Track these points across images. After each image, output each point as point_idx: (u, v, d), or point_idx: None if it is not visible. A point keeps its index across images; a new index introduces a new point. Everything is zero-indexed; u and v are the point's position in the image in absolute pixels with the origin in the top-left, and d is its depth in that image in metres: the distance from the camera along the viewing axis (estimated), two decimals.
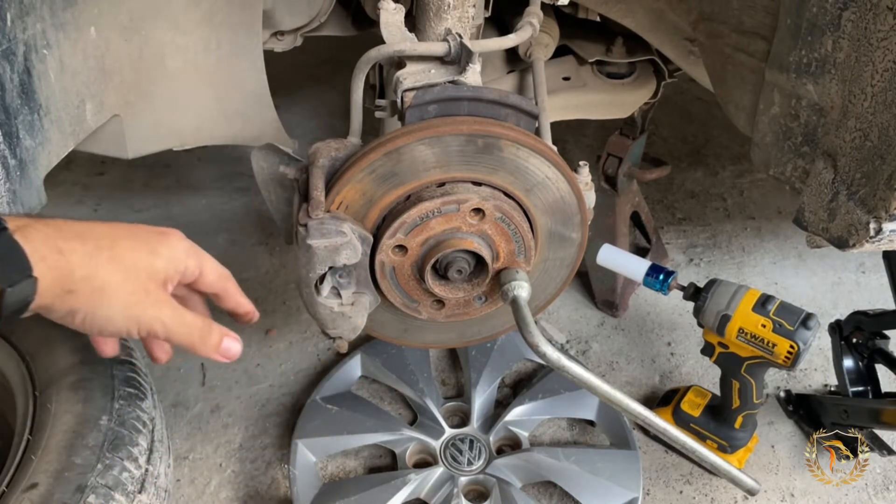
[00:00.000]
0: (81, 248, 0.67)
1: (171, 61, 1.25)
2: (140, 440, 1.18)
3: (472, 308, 1.17)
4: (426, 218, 1.03)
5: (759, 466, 1.65)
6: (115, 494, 1.09)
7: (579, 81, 1.61)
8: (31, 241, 0.63)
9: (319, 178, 1.02)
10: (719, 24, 1.25)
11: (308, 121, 2.80)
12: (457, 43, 1.09)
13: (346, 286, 1.07)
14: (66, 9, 1.01)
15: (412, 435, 1.62)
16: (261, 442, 1.69)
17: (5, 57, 0.88)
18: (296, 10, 1.37)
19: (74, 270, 0.66)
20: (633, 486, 1.53)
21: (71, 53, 1.04)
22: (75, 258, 0.66)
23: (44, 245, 0.64)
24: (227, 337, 0.80)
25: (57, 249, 0.65)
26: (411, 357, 1.76)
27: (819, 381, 1.86)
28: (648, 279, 1.48)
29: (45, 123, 0.99)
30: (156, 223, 0.78)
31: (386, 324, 1.22)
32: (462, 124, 1.00)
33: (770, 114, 1.17)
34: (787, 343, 1.34)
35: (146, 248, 0.73)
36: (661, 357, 1.91)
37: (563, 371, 1.06)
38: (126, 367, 1.29)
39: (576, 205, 1.12)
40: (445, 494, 1.50)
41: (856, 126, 0.99)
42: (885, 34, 0.90)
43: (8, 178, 0.90)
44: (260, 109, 1.37)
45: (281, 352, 1.91)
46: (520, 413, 1.66)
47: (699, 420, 1.61)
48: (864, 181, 0.99)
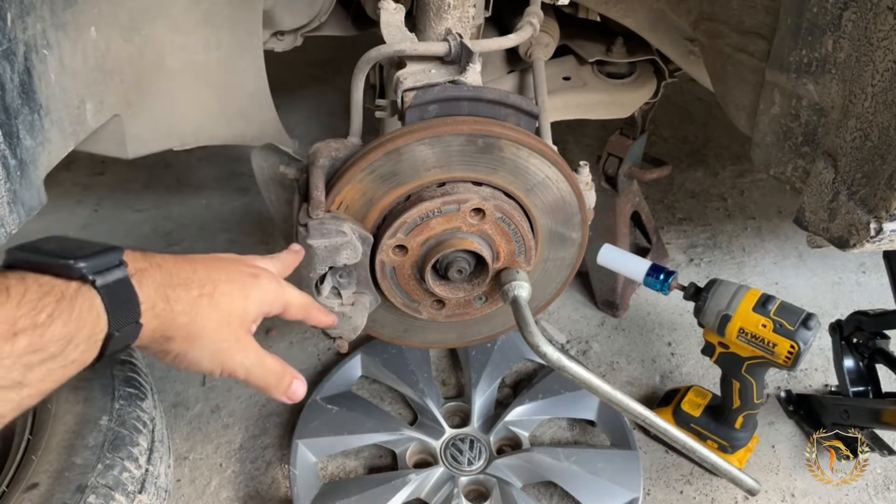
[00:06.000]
0: (186, 295, 0.70)
1: (171, 61, 1.25)
2: (140, 440, 1.18)
3: (473, 308, 1.17)
4: (426, 218, 1.03)
5: (759, 466, 1.65)
6: (115, 494, 1.09)
7: (579, 81, 1.60)
8: (144, 287, 0.65)
9: (320, 177, 1.02)
10: (720, 24, 1.24)
11: (308, 121, 2.80)
12: (457, 43, 1.09)
13: (347, 286, 1.07)
14: (66, 9, 1.01)
15: (412, 435, 1.62)
16: (261, 442, 1.69)
17: (6, 57, 0.88)
18: (296, 9, 1.37)
19: (176, 318, 0.69)
20: (634, 487, 1.53)
21: (71, 53, 1.04)
22: (179, 307, 0.69)
23: (155, 293, 0.66)
24: (296, 380, 0.83)
25: (165, 298, 0.67)
26: (411, 357, 1.76)
27: (819, 382, 1.86)
28: (649, 279, 1.47)
29: (46, 123, 0.99)
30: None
31: (386, 324, 1.22)
32: (462, 124, 1.00)
33: (770, 114, 1.17)
34: (787, 343, 1.34)
35: (241, 292, 0.76)
36: (661, 357, 1.91)
37: (563, 371, 1.06)
38: (126, 367, 1.29)
39: (576, 205, 1.12)
40: (446, 494, 1.50)
41: (856, 126, 0.98)
42: (885, 34, 0.90)
43: (8, 178, 0.89)
44: (260, 109, 1.36)
45: (281, 352, 1.91)
46: (520, 413, 1.66)
47: (700, 420, 1.61)
48: (864, 181, 0.99)
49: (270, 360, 0.80)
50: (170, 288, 0.68)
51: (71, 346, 0.58)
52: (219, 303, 0.73)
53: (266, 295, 0.80)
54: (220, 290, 0.73)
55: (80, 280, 0.60)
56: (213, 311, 0.72)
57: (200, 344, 0.72)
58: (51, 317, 0.56)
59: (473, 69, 1.07)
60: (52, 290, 0.58)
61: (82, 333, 0.59)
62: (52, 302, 0.57)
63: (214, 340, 0.73)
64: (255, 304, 0.78)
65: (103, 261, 0.62)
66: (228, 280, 0.75)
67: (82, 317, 0.59)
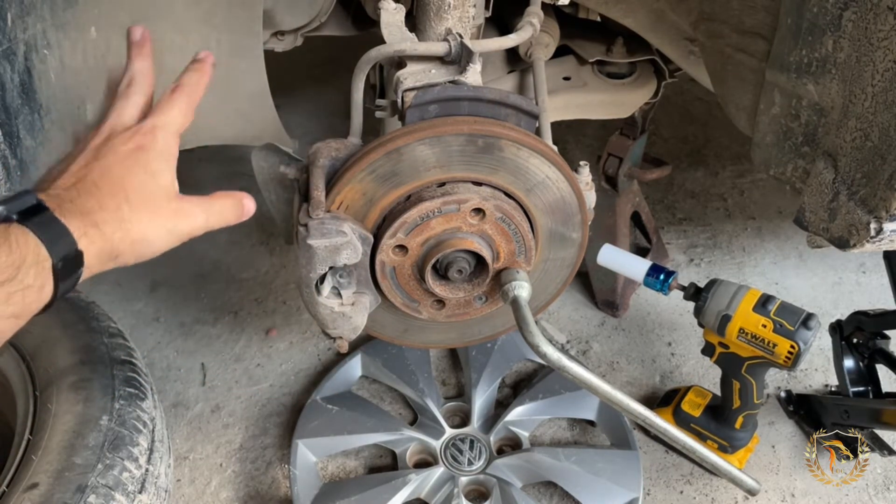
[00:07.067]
0: (108, 216, 0.72)
1: (171, 61, 1.24)
2: (140, 440, 1.18)
3: (473, 308, 1.17)
4: (427, 218, 1.03)
5: (759, 466, 1.65)
6: (115, 494, 1.09)
7: (580, 81, 1.60)
8: (70, 219, 0.68)
9: (320, 177, 1.02)
10: (720, 24, 1.24)
11: (308, 121, 2.80)
12: (457, 43, 1.09)
13: (347, 286, 1.07)
14: (66, 9, 1.01)
15: (412, 435, 1.62)
16: (261, 442, 1.69)
17: (6, 57, 0.88)
18: (296, 10, 1.37)
19: (112, 237, 0.72)
20: (634, 487, 1.53)
21: (71, 53, 1.04)
22: (108, 228, 0.72)
23: (82, 222, 0.69)
24: (245, 199, 0.88)
25: (93, 223, 0.70)
26: (412, 357, 1.76)
27: (820, 382, 1.86)
28: (649, 279, 1.47)
29: (46, 123, 0.99)
30: None
31: (386, 324, 1.22)
32: (462, 124, 1.00)
33: (770, 114, 1.17)
34: (787, 343, 1.34)
35: (145, 173, 0.77)
36: (661, 357, 1.91)
37: (563, 371, 1.06)
38: (126, 367, 1.29)
39: (576, 205, 1.12)
40: (446, 494, 1.50)
41: (856, 126, 0.98)
42: (885, 34, 0.90)
43: (8, 178, 0.89)
44: (260, 109, 1.36)
45: (281, 352, 1.91)
46: (520, 413, 1.66)
47: (700, 420, 1.61)
48: (864, 181, 0.99)
49: (217, 203, 0.85)
50: (90, 215, 0.71)
51: (21, 271, 0.63)
52: (137, 201, 0.75)
53: (162, 154, 0.80)
54: (130, 189, 0.75)
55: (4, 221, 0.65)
56: (138, 211, 0.75)
57: (148, 241, 0.76)
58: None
59: (474, 69, 1.07)
60: None
61: (27, 261, 0.64)
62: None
63: (157, 228, 0.76)
64: (162, 172, 0.79)
65: (20, 202, 0.67)
66: (128, 172, 0.76)
67: (21, 248, 0.64)
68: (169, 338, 1.92)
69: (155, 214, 0.77)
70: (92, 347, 1.31)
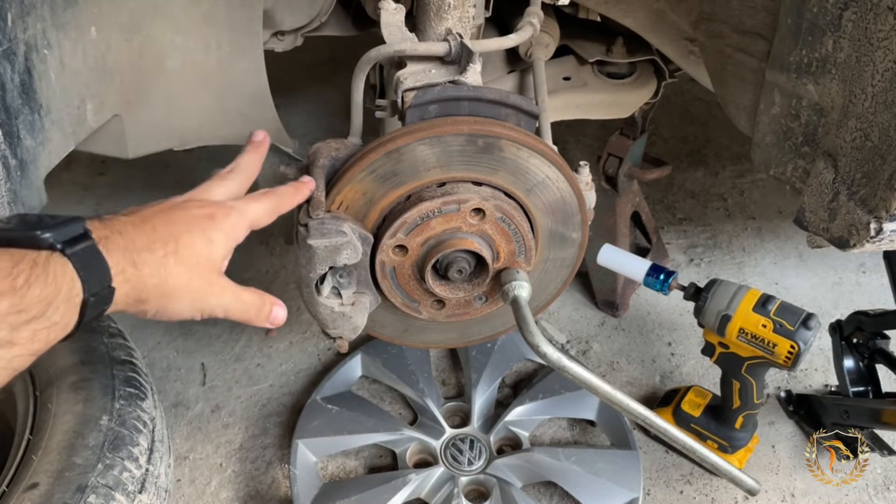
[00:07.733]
0: (151, 258, 0.72)
1: (171, 61, 1.25)
2: (140, 440, 1.18)
3: (473, 308, 1.17)
4: (427, 218, 1.03)
5: (759, 466, 1.65)
6: (115, 494, 1.09)
7: (580, 81, 1.60)
8: (111, 253, 0.68)
9: (320, 177, 1.02)
10: (720, 24, 1.24)
11: (308, 121, 2.80)
12: (457, 43, 1.09)
13: (347, 286, 1.07)
14: (66, 9, 1.01)
15: (412, 435, 1.62)
16: (261, 442, 1.69)
17: (6, 57, 0.88)
18: (296, 10, 1.37)
19: (147, 281, 0.72)
20: (634, 487, 1.53)
21: (71, 53, 1.04)
22: (147, 269, 0.72)
23: (123, 259, 0.69)
24: (276, 306, 0.87)
25: (132, 263, 0.70)
26: (411, 357, 1.76)
27: (820, 382, 1.86)
28: (649, 279, 1.48)
29: (46, 123, 0.99)
30: None
31: (386, 324, 1.22)
32: (462, 124, 1.00)
33: (770, 114, 1.17)
34: (787, 343, 1.34)
35: (203, 239, 0.78)
36: (661, 357, 1.91)
37: (563, 371, 1.06)
38: (126, 367, 1.29)
39: (576, 205, 1.12)
40: (446, 494, 1.50)
41: (856, 126, 0.98)
42: (885, 34, 0.90)
43: (9, 178, 0.90)
44: (260, 109, 1.36)
45: (281, 352, 1.91)
46: (520, 413, 1.66)
47: (700, 420, 1.61)
48: (864, 181, 0.99)
49: (247, 295, 0.84)
50: (135, 253, 0.71)
51: (51, 308, 0.62)
52: (184, 257, 0.75)
53: (227, 231, 0.82)
54: (182, 244, 0.75)
55: (48, 249, 0.63)
56: (180, 267, 0.75)
57: (175, 299, 0.75)
58: (27, 281, 0.60)
59: (474, 69, 1.07)
60: (23, 258, 0.61)
61: (60, 296, 0.63)
62: (27, 269, 0.60)
63: (188, 292, 0.76)
64: (219, 245, 0.80)
65: (68, 230, 0.65)
66: (188, 230, 0.77)
67: (57, 281, 0.63)
68: (169, 338, 1.92)
69: (193, 276, 0.77)
70: (92, 347, 1.31)
